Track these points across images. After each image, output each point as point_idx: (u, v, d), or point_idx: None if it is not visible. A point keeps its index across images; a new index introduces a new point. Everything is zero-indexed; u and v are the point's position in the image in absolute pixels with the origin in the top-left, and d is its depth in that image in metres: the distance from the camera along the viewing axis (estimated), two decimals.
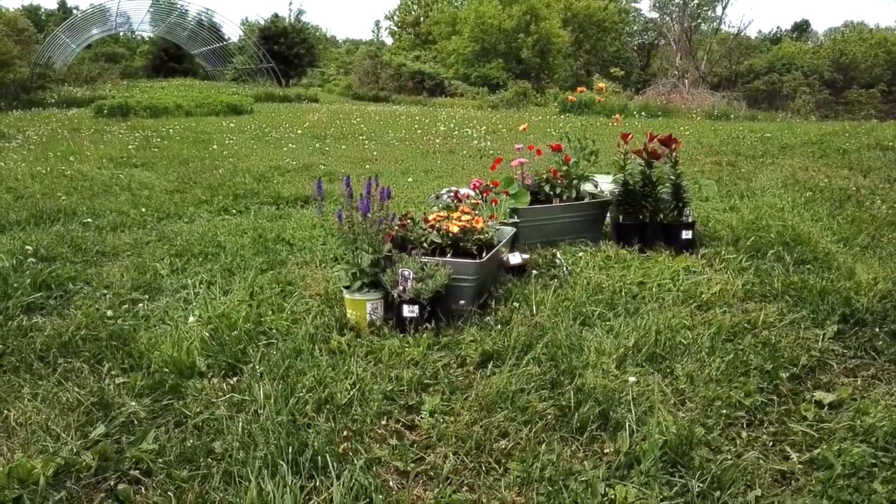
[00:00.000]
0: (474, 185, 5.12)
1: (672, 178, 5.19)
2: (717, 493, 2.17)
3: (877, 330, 3.57)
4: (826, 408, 2.78)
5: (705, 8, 43.18)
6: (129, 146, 12.07)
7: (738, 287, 4.24)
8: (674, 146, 5.22)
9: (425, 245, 3.91)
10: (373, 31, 55.90)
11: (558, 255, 4.70)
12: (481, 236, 3.97)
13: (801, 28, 54.08)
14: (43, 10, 43.13)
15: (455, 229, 3.88)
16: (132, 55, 41.52)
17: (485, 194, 4.75)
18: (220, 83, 32.52)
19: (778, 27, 61.49)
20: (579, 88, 8.09)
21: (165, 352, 3.17)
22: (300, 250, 5.16)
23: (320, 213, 3.79)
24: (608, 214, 5.50)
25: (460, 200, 4.51)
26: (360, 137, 14.21)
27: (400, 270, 3.48)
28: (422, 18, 42.65)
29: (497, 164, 5.50)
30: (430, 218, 4.06)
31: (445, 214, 4.05)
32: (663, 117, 19.38)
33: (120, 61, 40.05)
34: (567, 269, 4.58)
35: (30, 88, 23.77)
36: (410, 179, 8.67)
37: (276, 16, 38.52)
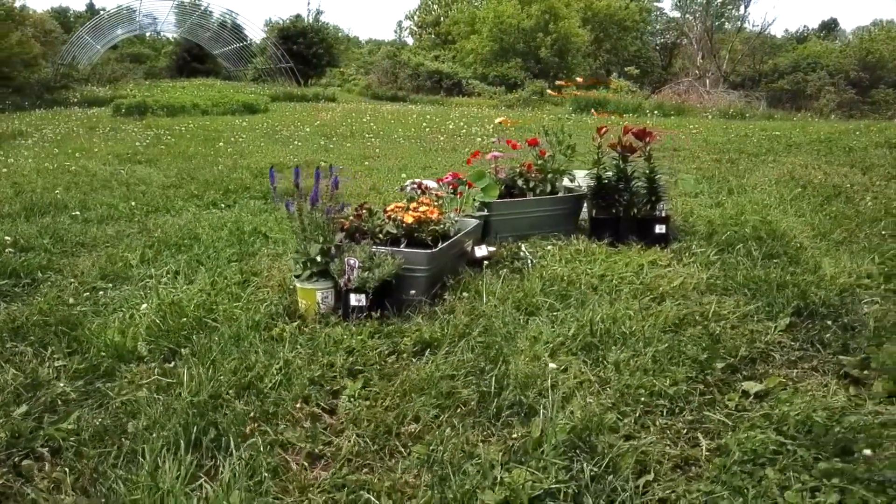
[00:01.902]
0: (448, 178, 5.14)
1: (646, 172, 5.15)
2: (610, 478, 2.17)
3: (829, 323, 3.52)
4: (751, 397, 2.76)
5: (729, 7, 42.69)
6: (137, 143, 12.27)
7: (700, 280, 4.20)
8: (648, 140, 5.19)
9: (381, 235, 3.94)
10: (395, 32, 56.10)
11: (523, 248, 4.70)
12: (437, 227, 3.98)
13: (829, 27, 53.19)
14: (72, 12, 44.01)
15: (410, 220, 3.90)
16: (157, 56, 42.14)
17: (452, 187, 4.76)
18: (241, 83, 32.85)
19: (805, 26, 60.49)
20: (559, 81, 8.04)
21: (110, 337, 3.24)
22: (274, 242, 5.22)
23: (276, 204, 3.83)
24: (584, 208, 5.49)
25: (424, 192, 4.52)
26: (368, 136, 14.28)
27: (346, 259, 3.51)
28: (442, 18, 42.73)
29: (474, 157, 5.51)
30: (389, 209, 4.09)
31: (403, 205, 4.08)
32: (676, 116, 19.19)
33: (145, 62, 40.70)
34: (532, 261, 4.57)
35: (53, 88, 24.26)
36: (404, 175, 8.70)
37: (298, 17, 38.94)
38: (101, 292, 4.04)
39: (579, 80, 8.97)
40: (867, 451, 2.24)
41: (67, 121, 17.45)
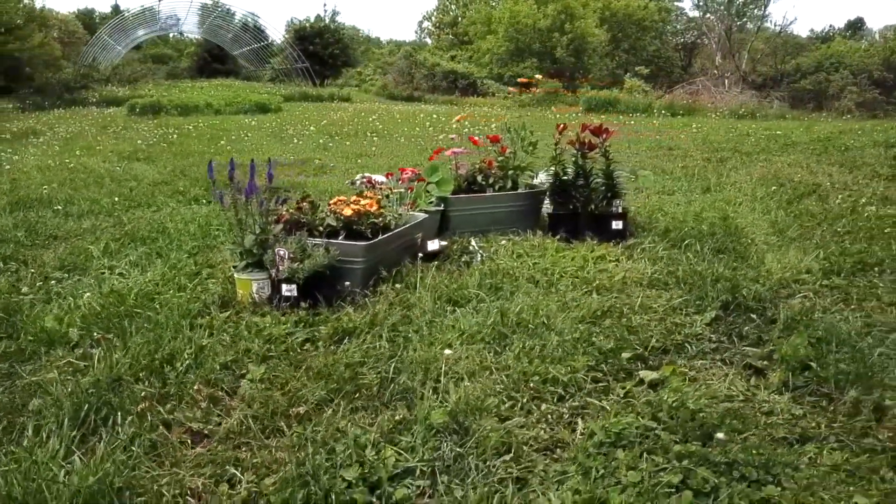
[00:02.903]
0: (408, 173, 5.24)
1: (603, 168, 5.20)
2: (471, 458, 2.24)
3: (753, 317, 3.55)
4: (645, 385, 2.81)
5: (751, 6, 42.19)
6: (140, 141, 12.53)
7: (644, 275, 4.25)
8: (605, 137, 5.24)
9: (321, 228, 4.04)
10: (416, 32, 56.32)
11: (472, 243, 4.77)
12: (376, 220, 4.07)
13: (855, 26, 52.25)
14: (97, 14, 44.83)
15: (348, 212, 4.00)
16: (179, 56, 42.80)
17: (401, 181, 4.85)
18: (259, 83, 33.24)
19: (831, 25, 59.51)
20: (535, 77, 8.08)
21: (46, 323, 3.38)
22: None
23: (214, 197, 3.94)
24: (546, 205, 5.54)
25: (374, 186, 4.62)
26: (371, 135, 14.42)
27: (276, 250, 3.62)
28: (459, 19, 42.82)
29: (436, 154, 5.59)
30: (332, 202, 4.19)
31: (346, 199, 4.17)
32: (685, 116, 19.07)
33: (167, 62, 41.36)
34: (482, 255, 4.65)
35: (73, 88, 24.77)
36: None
37: (318, 18, 39.29)
38: (52, 282, 4.19)
39: (538, 77, 8.98)
40: (720, 436, 2.29)
41: (82, 120, 17.85)
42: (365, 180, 4.68)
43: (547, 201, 5.46)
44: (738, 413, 2.57)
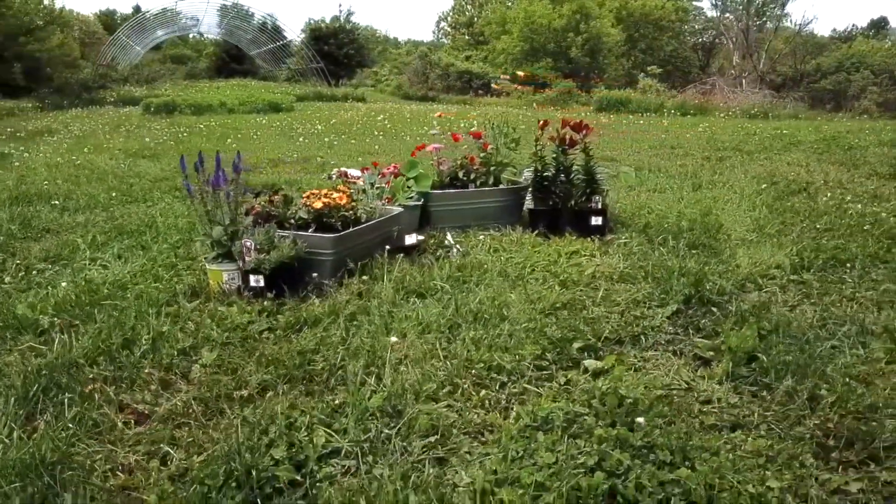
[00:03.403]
0: (391, 169, 5.32)
1: (582, 164, 5.23)
2: (398, 439, 2.30)
3: (714, 310, 3.57)
4: (588, 374, 2.85)
5: (771, 5, 41.75)
6: (147, 139, 12.72)
7: (615, 269, 4.28)
8: (584, 133, 5.26)
9: (293, 220, 4.12)
10: (433, 33, 56.50)
11: (448, 237, 4.83)
12: (346, 213, 4.15)
13: (879, 25, 51.47)
14: (119, 14, 45.42)
15: (319, 205, 4.08)
16: (198, 57, 43.27)
17: (381, 176, 4.92)
18: (275, 83, 33.51)
19: (853, 25, 58.68)
20: (504, 75, 8.10)
21: (18, 310, 3.49)
22: None
23: (189, 193, 4.03)
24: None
25: (349, 181, 4.69)
26: (378, 134, 14.51)
27: (243, 241, 3.70)
28: (475, 19, 42.85)
29: (419, 150, 5.65)
30: (305, 196, 4.26)
31: (318, 192, 4.25)
32: (696, 115, 18.95)
33: (186, 63, 41.81)
34: (458, 250, 4.70)
35: (91, 88, 25.13)
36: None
37: (335, 18, 39.54)
38: (34, 272, 4.31)
39: (521, 73, 8.99)
40: (640, 420, 2.33)
41: (98, 119, 18.15)
42: (342, 174, 4.75)
43: (529, 197, 5.50)
44: (671, 400, 2.61)
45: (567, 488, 2.00)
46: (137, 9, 46.16)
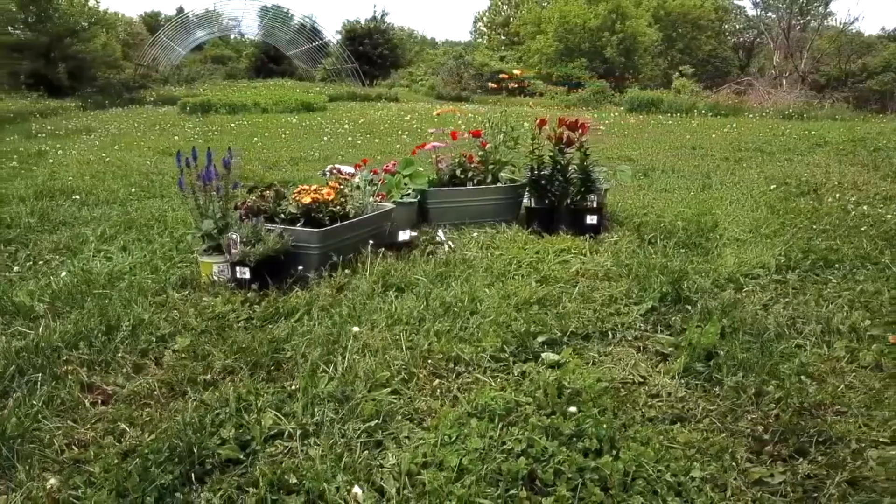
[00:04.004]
0: (389, 166, 5.43)
1: (577, 163, 5.26)
2: (341, 423, 2.40)
3: (688, 308, 3.60)
4: (544, 365, 2.91)
5: (815, 3, 40.86)
6: (176, 137, 13.06)
7: (601, 267, 4.32)
8: (581, 132, 5.30)
9: (283, 215, 4.25)
10: (471, 33, 56.58)
11: (440, 233, 4.91)
12: (333, 209, 4.26)
13: None
14: (163, 16, 46.52)
15: (307, 200, 4.20)
16: (238, 57, 44.12)
17: (374, 173, 5.03)
18: (311, 83, 33.99)
19: None
20: (503, 75, 8.13)
21: (17, 297, 3.68)
22: None
23: (180, 188, 4.18)
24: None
25: (343, 177, 4.81)
26: (402, 134, 14.65)
27: (229, 234, 3.84)
28: (511, 19, 42.84)
29: (419, 148, 5.76)
30: (295, 191, 4.39)
31: (308, 188, 4.37)
32: (727, 116, 18.69)
33: (226, 63, 42.66)
34: (449, 246, 4.78)
35: (132, 88, 25.86)
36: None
37: (373, 18, 39.93)
38: (41, 262, 4.51)
39: (517, 72, 9.01)
40: (572, 409, 2.39)
41: (136, 118, 18.65)
42: (336, 171, 4.87)
43: (527, 195, 5.56)
44: (618, 393, 2.66)
45: (487, 471, 2.07)
46: (180, 10, 47.22)
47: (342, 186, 4.47)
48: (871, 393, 2.66)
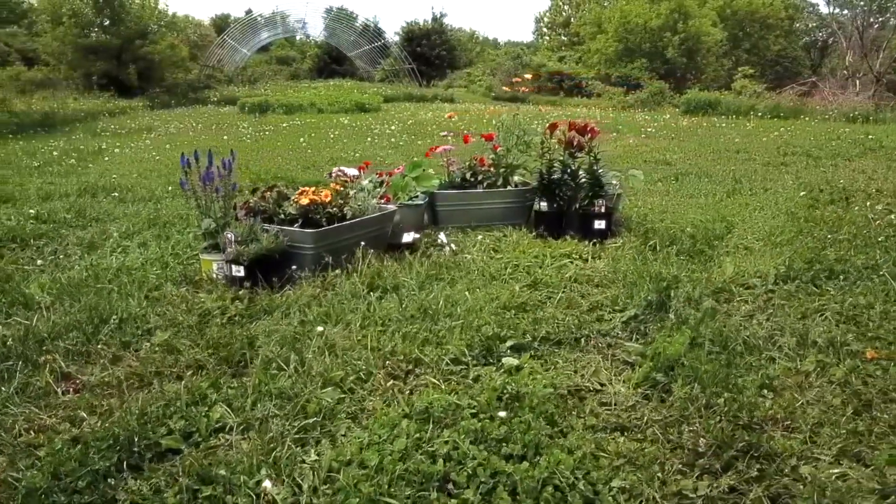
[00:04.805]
0: (399, 169, 5.52)
1: (588, 168, 5.23)
2: (284, 419, 2.49)
3: (671, 316, 3.55)
4: (502, 370, 2.93)
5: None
6: (225, 137, 13.48)
7: (598, 273, 4.30)
8: (590, 136, 5.26)
9: (282, 215, 4.38)
10: (533, 34, 56.27)
11: (441, 236, 4.96)
12: (330, 210, 4.37)
13: None
14: (232, 18, 47.84)
15: (305, 201, 4.32)
16: (302, 58, 45.06)
17: (379, 175, 5.11)
18: (370, 84, 34.45)
19: None
20: (516, 77, 8.06)
21: (28, 289, 3.91)
22: None
23: (182, 187, 4.35)
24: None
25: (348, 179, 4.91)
26: (448, 135, 14.72)
27: (225, 233, 3.99)
28: (572, 19, 42.42)
29: (432, 151, 5.82)
30: (297, 193, 4.52)
31: (308, 189, 4.49)
32: (787, 118, 18.07)
33: (291, 64, 43.63)
34: (450, 248, 4.83)
35: (197, 88, 26.75)
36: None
37: (434, 18, 40.21)
38: (61, 256, 4.77)
39: (528, 76, 8.90)
40: (502, 414, 2.41)
41: (198, 118, 19.31)
42: (340, 173, 4.98)
43: (538, 199, 5.55)
44: (565, 400, 2.66)
45: (403, 471, 2.12)
46: (249, 11, 48.53)
47: (346, 188, 4.58)
48: (830, 410, 2.59)
